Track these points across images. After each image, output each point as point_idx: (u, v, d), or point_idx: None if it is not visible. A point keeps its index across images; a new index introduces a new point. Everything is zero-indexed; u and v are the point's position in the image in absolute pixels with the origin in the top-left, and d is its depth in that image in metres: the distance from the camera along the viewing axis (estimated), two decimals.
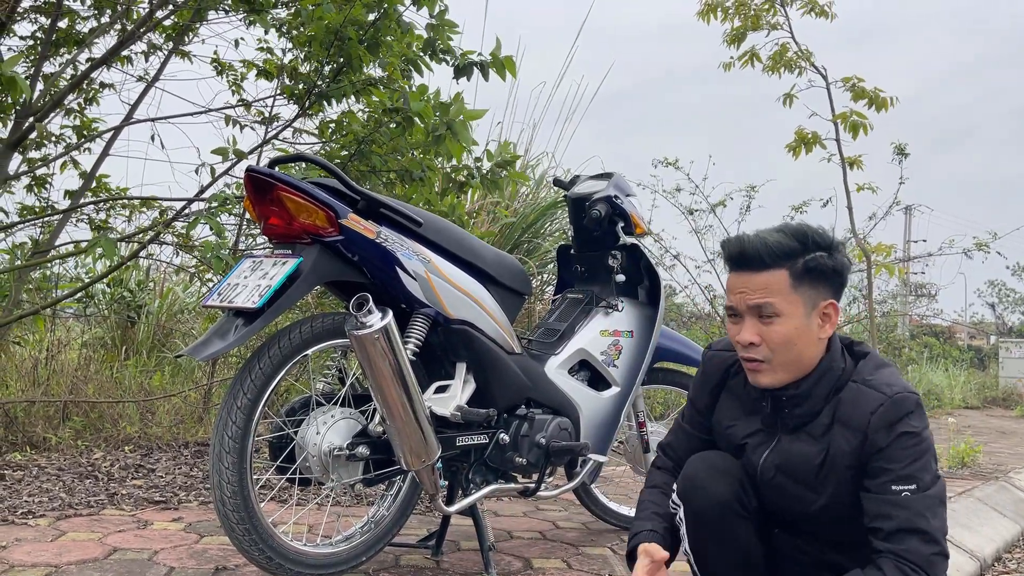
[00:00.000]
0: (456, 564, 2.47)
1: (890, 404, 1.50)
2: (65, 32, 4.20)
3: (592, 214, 2.80)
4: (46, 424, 3.94)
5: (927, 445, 1.49)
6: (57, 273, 5.22)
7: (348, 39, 3.50)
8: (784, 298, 1.56)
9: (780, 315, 1.56)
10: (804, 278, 1.56)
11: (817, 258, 1.56)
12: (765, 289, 1.57)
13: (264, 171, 2.08)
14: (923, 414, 1.52)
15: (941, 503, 1.47)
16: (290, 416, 2.18)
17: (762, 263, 1.57)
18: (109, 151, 4.55)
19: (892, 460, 1.47)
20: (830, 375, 1.58)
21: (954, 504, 3.81)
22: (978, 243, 8.08)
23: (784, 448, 1.60)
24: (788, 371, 1.59)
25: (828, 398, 1.58)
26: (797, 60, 6.13)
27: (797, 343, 1.57)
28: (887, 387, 1.53)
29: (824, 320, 1.58)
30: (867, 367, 1.59)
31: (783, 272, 1.56)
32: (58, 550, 2.38)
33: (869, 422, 1.50)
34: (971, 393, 12.68)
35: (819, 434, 1.57)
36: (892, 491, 1.46)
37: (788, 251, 1.57)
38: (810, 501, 1.57)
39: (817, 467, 1.56)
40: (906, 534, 1.43)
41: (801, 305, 1.56)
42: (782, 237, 1.57)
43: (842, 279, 1.60)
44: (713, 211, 8.78)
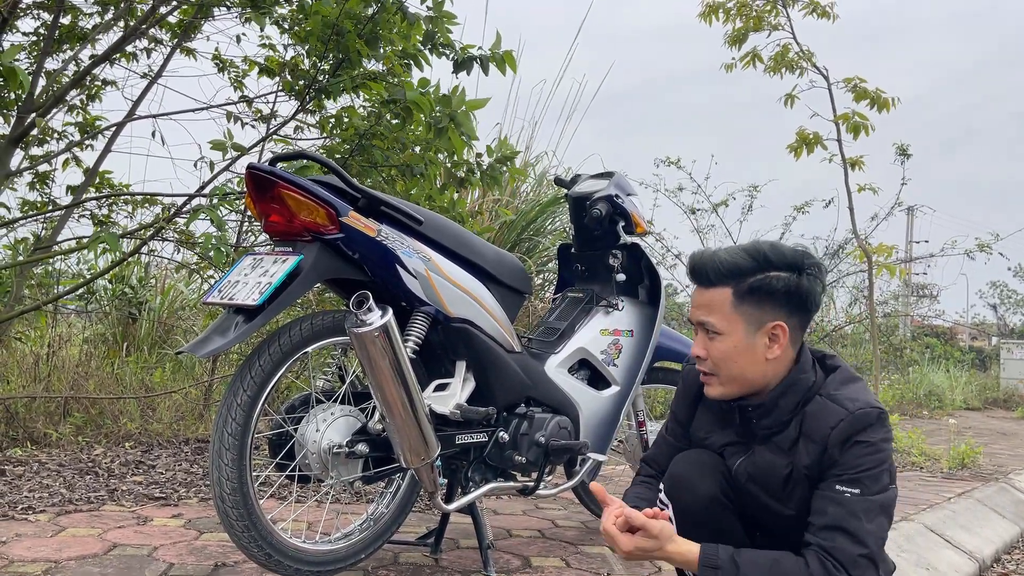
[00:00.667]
0: (455, 562, 2.47)
1: (851, 419, 1.51)
2: (68, 28, 4.20)
3: (593, 213, 2.80)
4: (47, 420, 3.95)
5: (882, 457, 1.49)
6: (59, 270, 5.23)
7: (346, 33, 3.49)
8: (723, 316, 1.58)
9: (720, 333, 1.58)
10: (747, 298, 1.56)
11: (764, 279, 1.55)
12: (708, 306, 1.60)
13: (265, 168, 2.09)
14: (884, 427, 1.52)
15: (883, 511, 1.47)
16: (290, 413, 2.18)
17: (708, 279, 1.60)
18: (111, 147, 4.56)
19: (844, 466, 1.49)
20: (796, 388, 1.58)
21: (954, 506, 3.81)
22: (980, 244, 8.08)
23: (756, 458, 1.62)
24: (733, 386, 1.61)
25: (796, 411, 1.58)
26: (798, 61, 6.13)
27: (737, 361, 1.58)
28: (850, 402, 1.53)
29: (772, 340, 1.57)
30: (835, 381, 1.60)
31: (727, 291, 1.58)
32: (58, 546, 2.39)
33: (829, 436, 1.51)
34: (972, 394, 12.66)
35: (787, 447, 1.58)
36: (835, 490, 1.48)
37: (735, 270, 1.57)
38: (780, 510, 1.59)
39: (784, 479, 1.57)
40: (835, 531, 1.45)
41: (742, 324, 1.57)
42: (737, 255, 1.57)
43: (800, 300, 1.57)
44: (715, 211, 8.80)
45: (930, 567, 2.89)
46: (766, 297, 1.56)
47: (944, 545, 3.20)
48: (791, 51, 6.17)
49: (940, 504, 3.80)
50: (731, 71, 6.37)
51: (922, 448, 5.52)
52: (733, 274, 1.57)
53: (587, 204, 2.84)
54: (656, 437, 1.93)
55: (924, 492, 4.16)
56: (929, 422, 8.82)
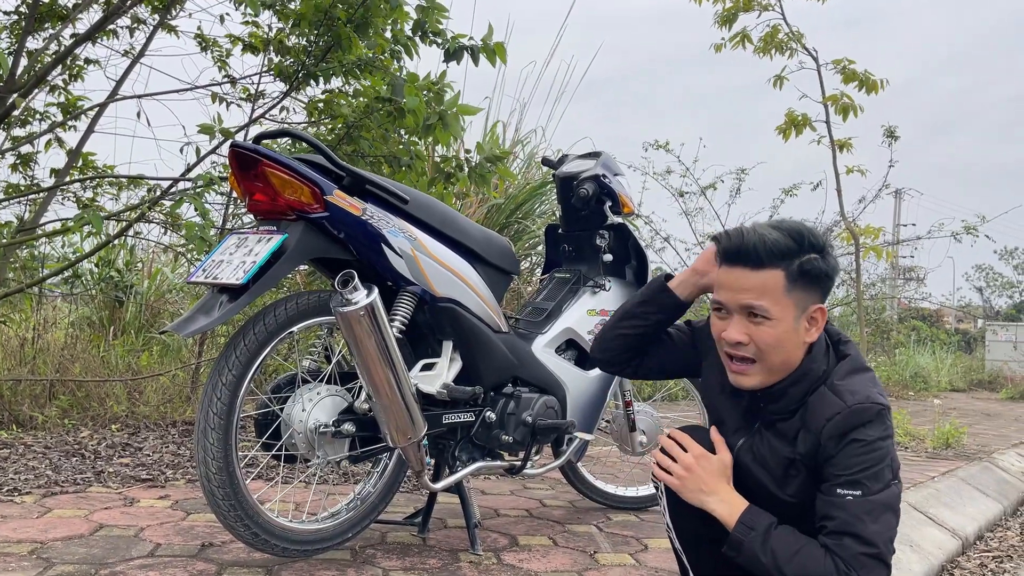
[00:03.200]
0: (442, 541, 2.48)
1: (847, 414, 1.48)
2: (48, 7, 4.14)
3: (580, 193, 2.79)
4: (32, 403, 3.93)
5: (881, 455, 1.47)
6: (44, 253, 5.18)
7: (337, 19, 3.48)
8: (777, 300, 1.51)
9: (771, 318, 1.51)
10: (798, 281, 1.51)
11: (812, 260, 1.50)
12: (759, 289, 1.51)
13: (249, 146, 2.07)
14: (883, 424, 1.49)
15: (887, 509, 1.46)
16: (276, 393, 2.18)
17: (759, 261, 1.51)
18: (94, 128, 4.51)
19: (842, 466, 1.47)
20: (809, 377, 1.55)
21: (938, 484, 3.85)
22: (967, 227, 8.13)
23: (760, 440, 1.60)
24: (772, 374, 1.57)
25: (803, 399, 1.56)
26: (788, 42, 6.12)
27: (785, 346, 1.53)
28: (850, 395, 1.50)
29: (811, 324, 1.54)
30: (841, 371, 1.56)
31: (779, 273, 1.50)
32: (44, 527, 2.38)
33: (823, 428, 1.49)
34: (958, 376, 12.78)
35: (791, 436, 1.56)
36: (837, 494, 1.46)
37: (785, 251, 1.50)
38: (778, 494, 1.58)
39: (785, 465, 1.56)
40: (842, 535, 1.44)
41: (793, 309, 1.51)
42: (779, 236, 1.51)
43: (831, 282, 1.55)
44: (703, 193, 8.80)
45: (914, 544, 2.92)
46: (813, 280, 1.51)
47: (928, 523, 3.24)
48: (781, 32, 6.16)
49: (924, 483, 3.84)
50: (720, 51, 6.37)
51: (907, 429, 5.57)
52: (784, 255, 1.50)
53: (574, 184, 2.83)
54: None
55: (909, 472, 4.20)
56: (915, 403, 8.89)
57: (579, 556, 2.42)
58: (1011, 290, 23.82)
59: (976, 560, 3.07)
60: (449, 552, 2.37)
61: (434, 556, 2.32)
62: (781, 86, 6.28)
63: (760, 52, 6.16)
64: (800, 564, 1.45)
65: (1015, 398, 10.92)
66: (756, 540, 1.49)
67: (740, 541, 1.51)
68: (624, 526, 2.82)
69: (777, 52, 6.12)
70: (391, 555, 2.31)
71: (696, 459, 1.58)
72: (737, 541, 1.51)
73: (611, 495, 3.07)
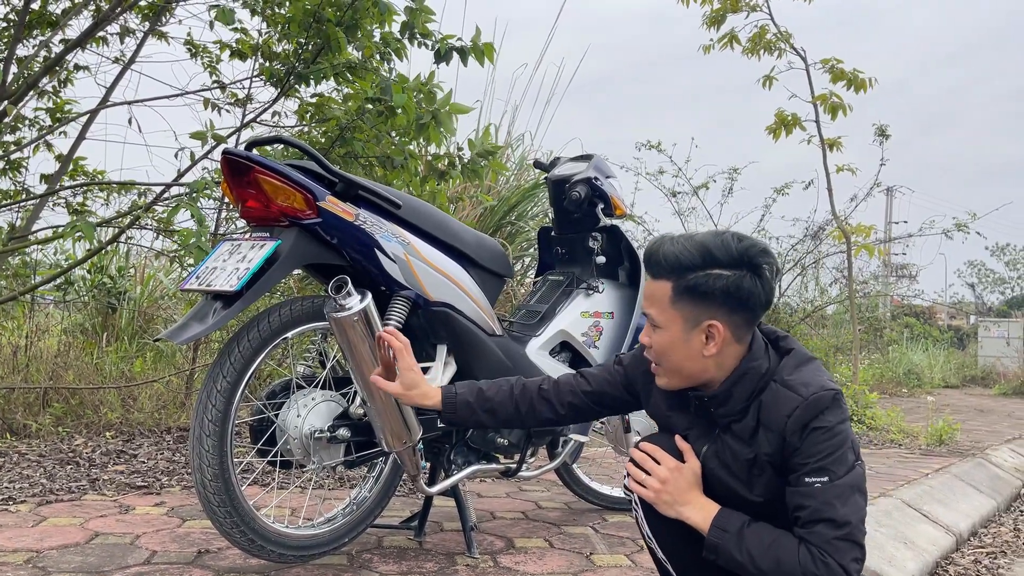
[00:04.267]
0: (439, 544, 2.49)
1: (805, 406, 1.50)
2: (38, 14, 4.13)
3: (572, 196, 2.80)
4: (26, 411, 3.92)
5: (842, 439, 1.49)
6: (36, 260, 5.16)
7: (327, 21, 3.48)
8: (662, 310, 1.56)
9: (660, 326, 1.58)
10: (684, 295, 1.54)
11: (703, 276, 1.52)
12: (650, 298, 1.59)
13: (241, 153, 2.07)
14: (839, 408, 1.52)
15: (855, 491, 1.48)
16: (271, 399, 2.18)
17: (653, 271, 1.59)
18: (86, 134, 4.49)
19: (806, 455, 1.49)
20: (750, 375, 1.57)
21: (931, 481, 3.87)
22: (958, 224, 8.16)
23: (722, 445, 1.62)
24: (675, 378, 1.61)
25: (751, 398, 1.57)
26: (776, 42, 6.14)
27: (674, 356, 1.58)
28: (804, 387, 1.52)
29: (709, 338, 1.55)
30: (788, 365, 1.58)
31: (667, 285, 1.56)
32: (39, 535, 2.38)
33: (786, 424, 1.50)
34: (950, 372, 12.85)
35: (747, 436, 1.57)
36: (805, 483, 1.48)
37: (679, 265, 1.54)
38: (748, 496, 1.59)
39: (748, 466, 1.58)
40: (815, 522, 1.46)
41: (679, 320, 1.55)
42: (684, 249, 1.54)
43: (740, 300, 1.53)
44: (696, 193, 8.82)
45: (908, 541, 2.93)
46: (703, 296, 1.53)
47: (922, 520, 3.25)
48: (769, 32, 6.18)
49: (918, 480, 3.86)
50: (709, 52, 6.38)
51: (901, 426, 5.60)
52: (675, 268, 1.55)
53: (566, 187, 2.84)
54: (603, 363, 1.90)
55: (902, 468, 4.22)
56: (908, 400, 8.94)
57: (575, 558, 2.43)
58: (1003, 286, 23.97)
59: (970, 556, 3.09)
60: (446, 555, 2.37)
61: (431, 560, 2.32)
62: (771, 86, 6.30)
63: (749, 53, 6.18)
64: (775, 558, 1.47)
65: (1008, 394, 10.99)
66: (731, 541, 1.52)
67: (716, 544, 1.53)
68: (620, 527, 2.83)
69: (766, 52, 6.15)
70: (388, 559, 2.31)
71: (670, 472, 1.60)
72: (713, 545, 1.54)
73: (606, 496, 3.08)
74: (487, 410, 1.82)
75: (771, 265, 1.55)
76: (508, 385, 1.84)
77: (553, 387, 1.84)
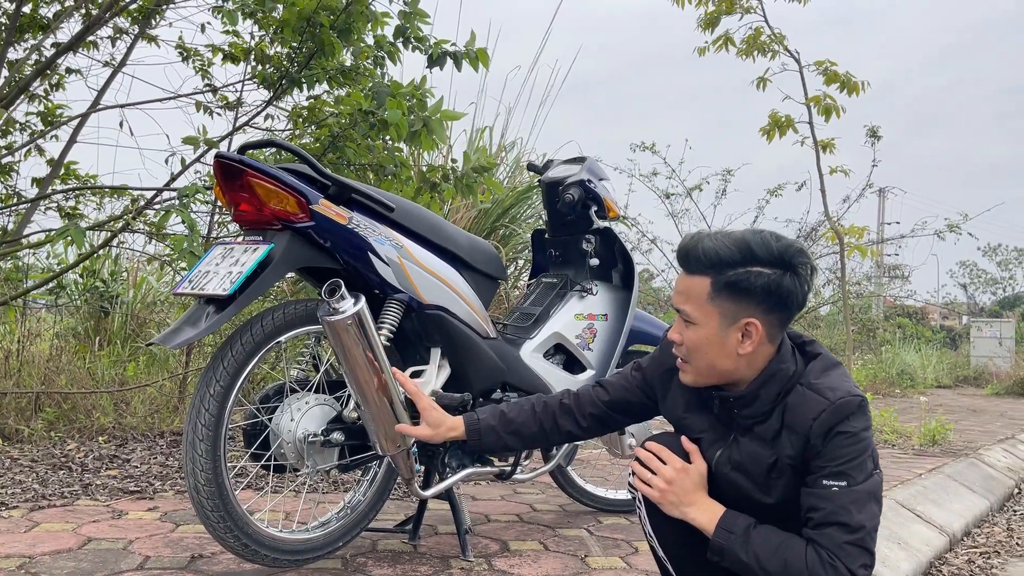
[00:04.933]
0: (433, 548, 2.48)
1: (832, 410, 1.49)
2: (29, 17, 4.12)
3: (565, 198, 2.80)
4: (18, 416, 3.90)
5: (864, 445, 1.50)
6: (27, 264, 5.14)
7: (320, 25, 3.48)
8: (698, 307, 1.54)
9: (694, 323, 1.56)
10: (724, 291, 1.52)
11: (743, 273, 1.51)
12: (686, 293, 1.56)
13: (233, 156, 2.06)
14: (864, 415, 1.51)
15: (871, 498, 1.48)
16: (264, 403, 2.17)
17: (690, 266, 1.56)
18: (77, 138, 4.48)
19: (828, 459, 1.49)
20: (778, 377, 1.56)
21: (925, 481, 3.88)
22: (950, 224, 8.20)
23: (738, 447, 1.61)
24: (704, 376, 1.60)
25: (777, 400, 1.57)
26: (770, 44, 6.15)
27: (708, 353, 1.56)
28: (831, 392, 1.51)
29: (745, 336, 1.54)
30: (815, 369, 1.57)
31: (706, 280, 1.54)
32: (32, 541, 2.37)
33: (811, 427, 1.50)
34: (943, 372, 12.89)
35: (769, 438, 1.57)
36: (823, 486, 1.48)
37: (719, 260, 1.52)
38: (761, 499, 1.59)
39: (767, 469, 1.57)
40: (828, 525, 1.46)
41: (716, 317, 1.54)
42: (721, 244, 1.53)
43: (780, 299, 1.53)
44: (689, 195, 8.84)
45: (901, 541, 2.94)
46: (743, 293, 1.52)
47: (915, 520, 3.26)
48: (763, 34, 6.19)
49: (911, 480, 3.87)
50: (704, 55, 6.39)
51: (894, 426, 5.62)
52: (714, 264, 1.53)
53: (559, 189, 2.84)
54: (619, 372, 1.89)
55: (896, 469, 4.23)
56: (901, 400, 8.96)
57: (570, 560, 2.43)
58: (995, 286, 24.07)
59: (964, 556, 3.10)
60: (440, 559, 2.37)
61: (425, 563, 2.32)
62: (765, 88, 6.32)
63: (743, 55, 6.19)
64: (782, 560, 1.47)
65: (1000, 394, 11.03)
66: (737, 542, 1.52)
67: (722, 546, 1.53)
68: (614, 529, 2.82)
69: (760, 54, 6.16)
70: (382, 563, 2.30)
71: (676, 472, 1.61)
72: (719, 547, 1.54)
73: (601, 498, 3.08)
74: (512, 431, 1.84)
75: (808, 265, 1.55)
76: (529, 404, 1.85)
77: (574, 400, 1.85)
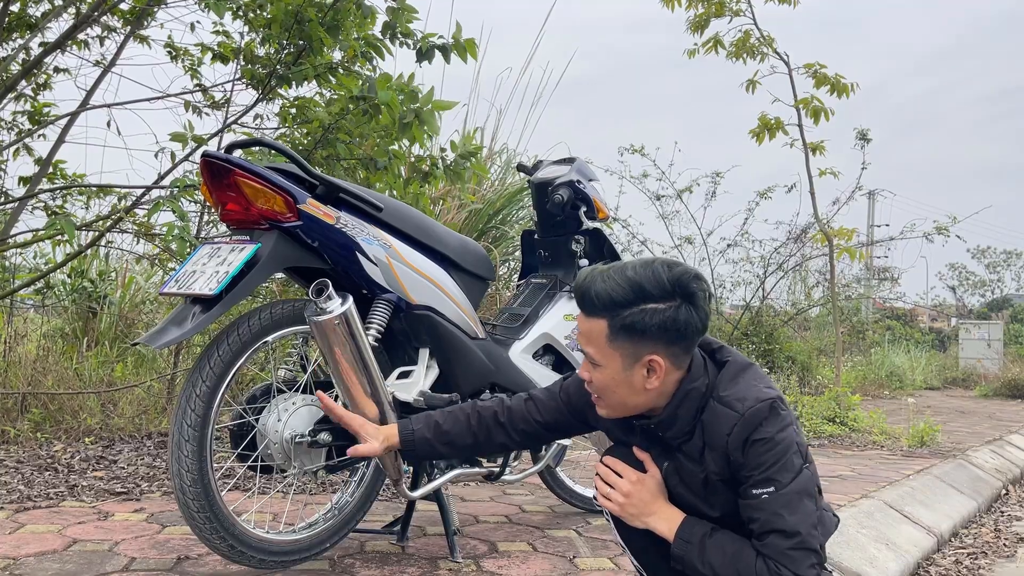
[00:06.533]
0: (421, 549, 2.48)
1: (743, 423, 1.49)
2: (17, 16, 4.09)
3: (555, 199, 2.80)
4: (4, 417, 3.87)
5: (784, 447, 1.48)
6: (15, 264, 5.11)
7: (308, 21, 3.47)
8: (599, 349, 1.53)
9: (598, 364, 1.55)
10: (621, 333, 1.50)
11: (638, 313, 1.49)
12: (586, 335, 1.55)
13: (220, 156, 2.05)
14: (777, 417, 1.50)
15: (803, 496, 1.48)
16: (251, 404, 2.16)
17: (586, 309, 1.54)
18: (65, 138, 4.45)
19: (751, 468, 1.49)
20: (691, 396, 1.55)
21: (913, 482, 3.89)
22: (938, 227, 8.24)
23: (678, 463, 1.62)
24: (618, 411, 1.60)
25: (696, 418, 1.56)
26: (759, 47, 6.18)
27: (616, 392, 1.56)
28: (739, 403, 1.50)
29: (650, 372, 1.53)
30: (724, 379, 1.56)
31: (603, 323, 1.52)
32: (16, 542, 2.35)
33: (727, 443, 1.50)
34: (932, 374, 12.95)
35: (696, 456, 1.57)
36: (753, 495, 1.48)
37: (611, 302, 1.50)
38: (708, 512, 1.60)
39: (702, 484, 1.58)
40: (767, 534, 1.47)
41: (619, 358, 1.52)
42: (615, 285, 1.50)
43: (677, 332, 1.50)
44: (679, 197, 8.85)
45: (889, 542, 2.95)
46: (640, 333, 1.50)
47: (903, 521, 3.27)
48: (752, 37, 6.22)
49: (899, 481, 3.88)
50: (693, 57, 6.41)
51: (883, 427, 5.64)
52: (607, 307, 1.50)
53: (549, 190, 2.84)
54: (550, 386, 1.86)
55: (884, 470, 4.25)
56: (890, 402, 9.00)
57: (559, 561, 2.43)
58: (983, 289, 24.18)
59: (951, 557, 3.11)
60: (428, 560, 2.36)
61: (413, 564, 2.31)
62: (754, 90, 6.35)
63: (733, 57, 6.22)
64: (735, 570, 1.49)
65: (988, 395, 11.08)
66: (693, 552, 1.53)
67: (681, 556, 1.55)
68: (603, 530, 2.82)
69: (749, 57, 6.19)
70: (370, 564, 2.29)
71: (632, 484, 1.61)
72: (678, 556, 1.55)
73: (590, 499, 3.07)
74: (445, 443, 1.83)
75: (704, 291, 1.53)
76: (464, 415, 1.84)
77: (507, 416, 1.83)
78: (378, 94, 3.42)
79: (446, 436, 1.82)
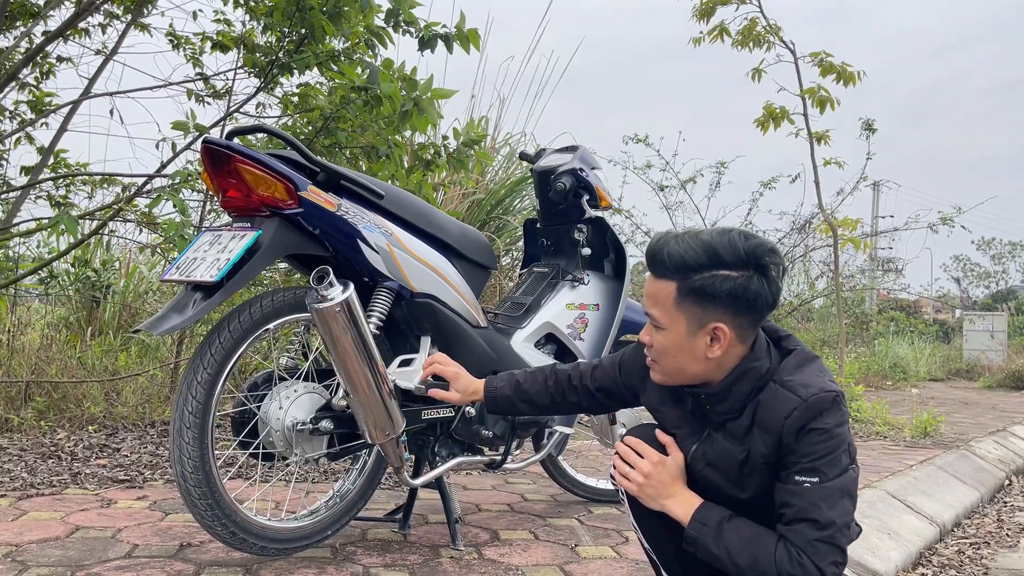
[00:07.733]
0: (423, 537, 2.48)
1: (804, 408, 1.48)
2: (20, 4, 4.08)
3: (557, 187, 2.79)
4: (8, 405, 3.88)
5: (837, 442, 1.48)
6: (18, 253, 5.11)
7: (310, 9, 3.45)
8: (665, 311, 1.53)
9: (662, 327, 1.55)
10: (689, 296, 1.50)
11: (709, 278, 1.48)
12: (653, 297, 1.55)
13: (221, 142, 2.05)
14: (838, 411, 1.49)
15: (844, 494, 1.46)
16: (253, 391, 2.16)
17: (656, 270, 1.54)
18: (67, 126, 4.45)
19: (800, 455, 1.48)
20: (750, 375, 1.54)
21: (916, 472, 3.89)
22: (943, 217, 8.21)
23: (712, 442, 1.61)
24: (673, 377, 1.59)
25: (749, 397, 1.55)
26: (765, 35, 6.14)
27: (676, 357, 1.55)
28: (803, 388, 1.49)
29: (713, 341, 1.52)
30: (789, 365, 1.55)
31: (672, 285, 1.51)
32: (19, 529, 2.35)
33: (783, 425, 1.49)
34: (936, 365, 12.92)
35: (740, 435, 1.56)
36: (795, 481, 1.47)
37: (684, 265, 1.50)
38: (736, 494, 1.59)
39: (739, 465, 1.56)
40: (798, 521, 1.45)
41: (683, 322, 1.52)
42: (688, 248, 1.50)
43: (747, 301, 1.49)
44: (683, 187, 8.83)
45: (892, 532, 2.95)
46: (709, 298, 1.49)
47: (906, 510, 3.27)
48: (758, 25, 6.18)
49: (903, 471, 3.88)
50: (699, 45, 6.37)
51: (886, 418, 5.63)
52: (679, 269, 1.50)
53: (551, 178, 2.83)
54: (616, 353, 1.90)
55: (887, 460, 4.24)
56: (893, 393, 8.98)
57: (560, 550, 2.43)
58: (988, 280, 24.13)
59: (954, 547, 3.11)
60: (430, 548, 2.37)
61: (415, 552, 2.31)
62: (760, 79, 6.31)
63: (738, 45, 6.18)
64: (752, 555, 1.47)
65: (992, 387, 11.06)
66: (709, 535, 1.52)
67: (695, 538, 1.54)
68: (605, 519, 2.82)
69: (755, 45, 6.15)
70: (372, 552, 2.30)
71: (653, 466, 1.61)
72: (692, 538, 1.54)
73: (592, 488, 3.07)
74: (525, 400, 1.95)
75: (778, 265, 1.51)
76: (543, 376, 1.94)
77: (579, 378, 1.91)
78: (380, 85, 3.41)
79: (526, 394, 1.94)
